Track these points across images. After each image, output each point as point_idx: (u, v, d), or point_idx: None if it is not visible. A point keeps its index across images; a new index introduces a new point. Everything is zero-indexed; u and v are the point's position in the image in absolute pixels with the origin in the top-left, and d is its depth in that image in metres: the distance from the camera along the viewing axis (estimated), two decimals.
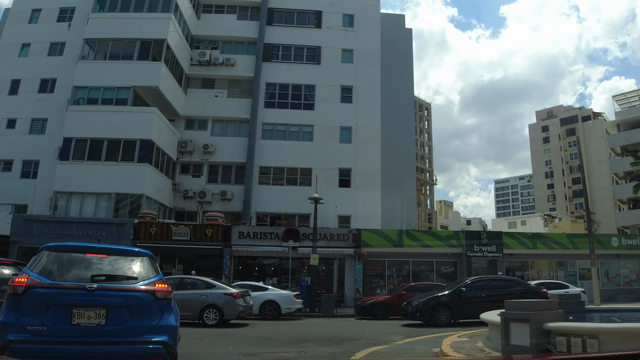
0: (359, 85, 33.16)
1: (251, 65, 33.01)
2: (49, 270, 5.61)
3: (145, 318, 5.58)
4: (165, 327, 5.65)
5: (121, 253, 6.16)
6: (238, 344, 11.12)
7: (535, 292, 16.95)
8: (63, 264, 5.74)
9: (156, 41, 28.91)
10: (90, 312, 5.38)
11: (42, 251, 5.91)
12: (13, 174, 29.09)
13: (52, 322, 5.22)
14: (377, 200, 31.22)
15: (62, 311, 5.31)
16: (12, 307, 5.28)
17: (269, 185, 31.42)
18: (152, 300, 5.71)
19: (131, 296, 5.62)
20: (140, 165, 26.90)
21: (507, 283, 17.59)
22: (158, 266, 6.39)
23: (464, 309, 16.08)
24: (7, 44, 31.73)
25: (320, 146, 31.81)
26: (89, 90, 28.19)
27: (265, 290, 19.66)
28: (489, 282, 17.47)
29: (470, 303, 16.12)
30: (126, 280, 5.80)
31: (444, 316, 15.91)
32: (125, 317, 5.49)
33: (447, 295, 16.48)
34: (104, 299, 5.46)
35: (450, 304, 16.12)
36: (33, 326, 5.17)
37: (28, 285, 5.38)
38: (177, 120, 31.93)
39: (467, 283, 17.16)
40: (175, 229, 25.33)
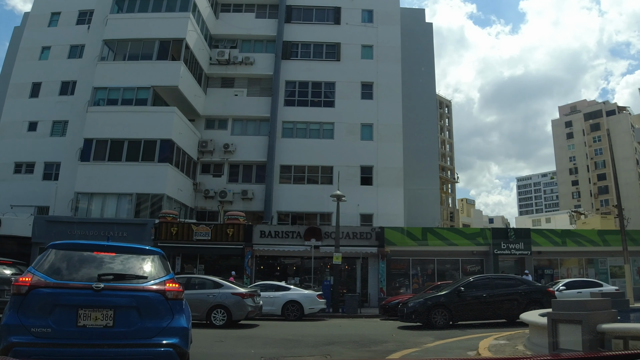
0: (379, 81, 32.39)
1: (270, 64, 32.49)
2: (55, 269, 5.32)
3: (155, 319, 5.26)
4: (176, 328, 5.33)
5: (131, 251, 5.82)
6: (261, 347, 10.52)
7: (542, 292, 15.86)
8: (70, 263, 5.44)
9: (175, 41, 28.58)
10: (97, 313, 5.09)
11: (48, 249, 5.61)
12: (35, 176, 29.14)
13: (57, 324, 4.95)
14: (399, 198, 30.43)
15: (68, 312, 5.03)
16: (16, 308, 5.00)
17: (289, 184, 30.83)
18: (162, 301, 5.38)
19: (140, 296, 5.31)
20: (160, 165, 26.57)
21: (510, 282, 16.31)
22: (169, 265, 6.02)
23: (463, 310, 15.01)
24: (27, 48, 31.84)
25: (341, 144, 31.12)
26: (109, 91, 28.00)
27: (288, 290, 19.05)
28: (490, 281, 16.28)
29: (470, 304, 15.06)
30: (135, 280, 5.47)
31: (441, 318, 14.67)
32: (134, 318, 5.19)
33: (444, 296, 15.23)
34: (111, 299, 5.16)
35: (448, 305, 14.85)
36: (37, 328, 4.90)
37: (32, 285, 5.09)
38: (198, 120, 31.59)
39: (466, 282, 15.87)
40: (196, 229, 24.91)
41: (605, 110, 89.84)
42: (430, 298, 15.28)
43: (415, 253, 26.63)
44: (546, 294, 15.66)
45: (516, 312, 15.15)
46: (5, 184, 28.79)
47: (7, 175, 29.22)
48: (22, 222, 24.69)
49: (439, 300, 15.03)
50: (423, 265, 27.15)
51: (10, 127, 30.33)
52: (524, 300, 15.17)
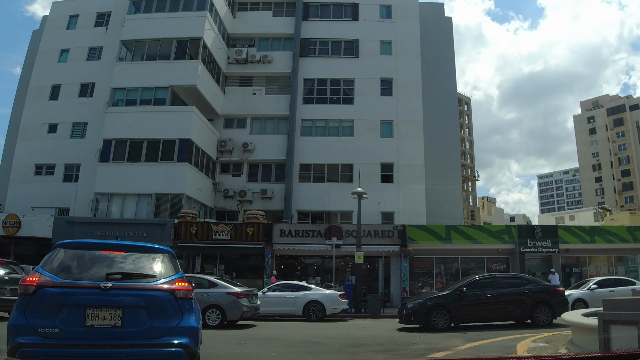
0: (399, 77, 31.66)
1: (288, 61, 32.00)
2: (63, 269, 5.19)
3: (164, 319, 5.12)
4: (185, 328, 5.18)
5: (139, 250, 5.69)
6: (283, 349, 9.97)
7: (551, 291, 14.84)
8: (78, 262, 5.32)
9: (192, 40, 28.27)
10: (105, 312, 4.95)
11: (56, 248, 5.49)
12: (55, 178, 29.14)
13: (64, 324, 4.83)
14: (421, 196, 29.65)
15: (75, 312, 4.91)
16: (23, 308, 4.89)
17: (309, 182, 30.27)
18: (172, 300, 5.23)
19: (149, 295, 5.16)
20: (179, 165, 26.25)
21: (516, 281, 15.25)
22: (178, 264, 5.84)
23: (465, 311, 14.02)
24: (46, 51, 31.91)
25: (361, 141, 30.47)
26: (127, 91, 27.81)
27: (309, 289, 18.47)
28: (494, 280, 15.26)
29: (472, 304, 14.09)
30: (144, 279, 5.32)
31: (441, 319, 13.76)
32: (143, 317, 5.06)
33: (445, 296, 14.32)
34: (119, 298, 5.03)
35: (449, 306, 13.91)
36: (44, 328, 4.79)
37: (39, 285, 4.97)
38: (216, 120, 31.26)
39: (468, 282, 14.94)
40: (216, 228, 24.49)
41: (629, 104, 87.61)
42: (430, 298, 14.47)
43: (439, 251, 25.83)
44: (555, 294, 14.73)
45: (522, 313, 14.38)
46: (26, 185, 28.81)
47: (28, 177, 29.26)
48: (42, 223, 24.61)
49: (439, 300, 14.17)
50: (447, 264, 26.33)
51: (30, 129, 30.38)
52: (531, 301, 14.26)
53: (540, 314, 14.16)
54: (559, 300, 14.60)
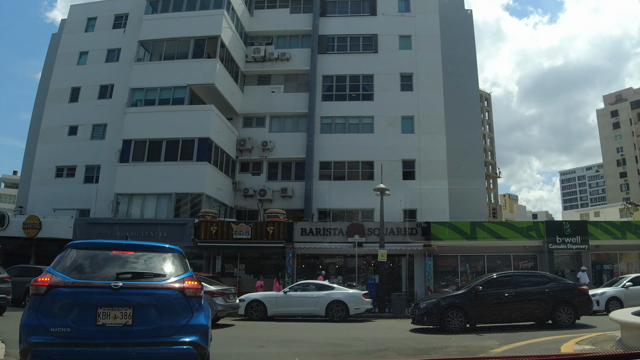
0: (419, 72, 30.85)
1: (307, 59, 31.46)
2: (74, 269, 5.23)
3: (174, 317, 5.14)
4: (195, 326, 5.21)
5: (149, 249, 5.73)
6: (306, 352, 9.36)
7: (574, 290, 13.78)
8: (88, 262, 5.35)
9: (210, 38, 27.91)
10: (116, 311, 4.99)
11: (67, 249, 5.55)
12: (76, 180, 29.09)
13: (76, 323, 4.87)
14: (444, 192, 28.79)
15: (87, 311, 4.95)
16: (35, 308, 4.93)
17: (329, 180, 29.67)
18: (181, 298, 5.25)
19: (159, 294, 5.20)
20: (199, 164, 25.90)
21: (536, 279, 14.28)
22: (188, 262, 5.85)
23: (481, 311, 13.15)
24: (65, 54, 31.94)
25: (382, 138, 29.74)
26: (146, 91, 27.58)
27: (332, 289, 17.87)
28: (513, 278, 14.30)
29: (489, 304, 13.19)
30: (154, 278, 5.36)
31: (456, 320, 12.94)
32: (153, 316, 5.09)
33: (459, 296, 13.52)
34: (130, 297, 5.06)
35: (464, 306, 13.09)
36: (56, 328, 4.82)
37: (51, 285, 5.00)
38: (235, 119, 30.87)
39: (484, 280, 14.02)
40: (236, 228, 24.03)
41: None
42: (444, 298, 13.67)
43: (464, 249, 24.96)
44: (578, 293, 13.73)
45: (543, 313, 13.42)
46: (48, 188, 28.81)
47: (49, 180, 29.26)
48: (63, 225, 24.51)
49: (454, 300, 13.35)
50: (472, 262, 25.45)
51: (50, 132, 30.40)
52: (552, 300, 13.34)
53: (562, 314, 13.21)
54: (582, 299, 13.64)
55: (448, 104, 30.63)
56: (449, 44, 32.43)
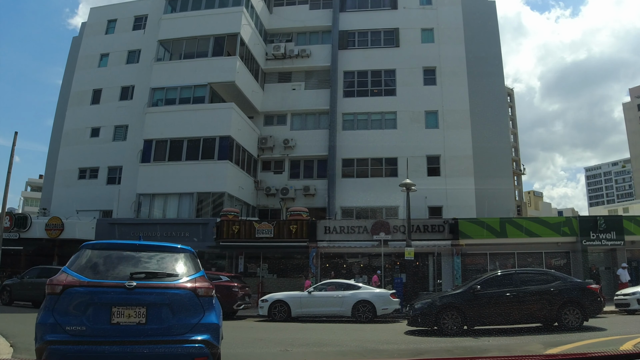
0: (442, 65, 29.86)
1: (327, 55, 30.71)
2: (89, 269, 5.30)
3: (187, 316, 5.22)
4: (207, 325, 5.29)
5: (162, 250, 5.80)
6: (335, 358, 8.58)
7: (582, 290, 12.53)
8: (103, 262, 5.43)
9: (229, 36, 27.40)
10: (130, 310, 5.06)
11: (82, 249, 5.61)
12: (99, 181, 28.90)
13: (91, 322, 4.96)
14: (470, 189, 27.73)
15: (101, 310, 5.03)
16: (50, 307, 5.00)
17: (352, 178, 28.89)
18: (194, 298, 5.32)
19: (172, 294, 5.27)
20: (220, 163, 25.40)
21: (541, 277, 13.09)
22: (199, 262, 5.90)
23: (480, 312, 12.08)
24: (86, 56, 31.82)
25: (405, 133, 28.84)
26: (166, 90, 27.24)
27: (358, 288, 17.07)
28: (515, 276, 13.07)
29: (489, 304, 12.14)
30: (167, 278, 5.40)
31: (452, 322, 11.99)
32: (166, 315, 5.16)
33: (457, 296, 12.52)
34: (143, 297, 5.13)
35: (461, 307, 12.09)
36: (72, 326, 4.90)
37: (66, 284, 5.09)
38: (256, 117, 30.32)
39: (484, 279, 12.97)
40: (259, 226, 23.41)
41: None
42: (440, 298, 12.75)
43: (493, 246, 23.84)
44: (588, 292, 12.47)
45: (547, 314, 12.24)
46: (71, 189, 28.67)
47: (72, 181, 29.12)
48: (85, 226, 24.27)
49: (450, 300, 12.41)
50: (502, 260, 24.29)
51: (73, 134, 30.27)
52: (558, 300, 12.19)
53: (569, 315, 12.05)
54: (591, 299, 12.36)
55: (473, 97, 29.55)
56: (472, 36, 31.31)
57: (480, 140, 29.12)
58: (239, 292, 17.41)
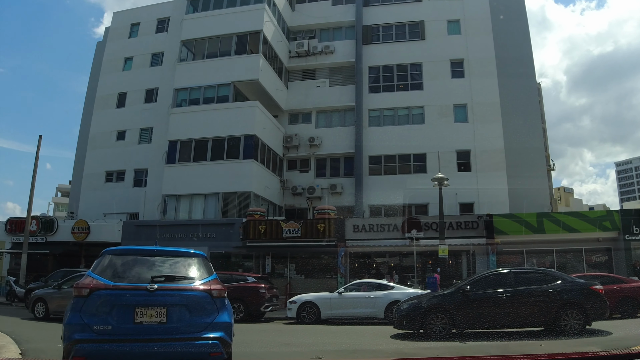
0: (470, 57, 28.60)
1: (351, 50, 29.78)
2: (112, 273, 5.64)
3: (203, 316, 5.59)
4: (221, 323, 5.66)
5: (177, 254, 6.15)
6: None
7: (584, 291, 11.29)
8: (124, 267, 5.76)
9: (252, 34, 26.75)
10: (152, 311, 5.40)
11: (104, 255, 5.94)
12: (126, 184, 28.62)
13: (116, 322, 5.28)
14: (502, 184, 26.39)
15: (126, 311, 5.35)
16: (78, 309, 5.30)
17: (380, 175, 27.85)
18: (209, 299, 5.69)
19: (189, 295, 5.64)
20: (245, 162, 24.73)
21: (538, 276, 11.87)
22: (211, 266, 6.22)
23: (469, 314, 11.04)
24: (110, 60, 31.66)
25: (433, 128, 27.71)
26: (190, 91, 26.74)
27: (390, 289, 16.10)
28: (510, 276, 11.89)
29: (480, 306, 11.10)
30: (184, 280, 5.79)
31: (439, 325, 11.03)
32: (184, 315, 5.52)
33: (445, 296, 11.55)
34: (164, 298, 5.49)
35: (449, 308, 11.10)
36: (98, 326, 5.21)
37: (93, 288, 5.41)
38: (281, 116, 29.61)
39: (474, 279, 11.96)
40: (285, 226, 22.59)
41: None
42: (428, 299, 11.75)
43: (530, 243, 22.51)
44: (589, 294, 11.24)
45: (544, 317, 10.98)
46: (98, 193, 28.43)
47: (99, 185, 28.91)
48: (111, 228, 23.93)
49: (437, 301, 11.46)
50: (539, 258, 22.96)
51: (99, 138, 30.08)
52: (557, 302, 11.04)
53: (569, 319, 10.87)
54: (594, 302, 11.14)
55: (503, 89, 28.19)
56: (500, 26, 29.90)
57: (511, 134, 27.73)
58: (266, 294, 16.63)
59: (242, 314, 16.33)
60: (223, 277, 17.38)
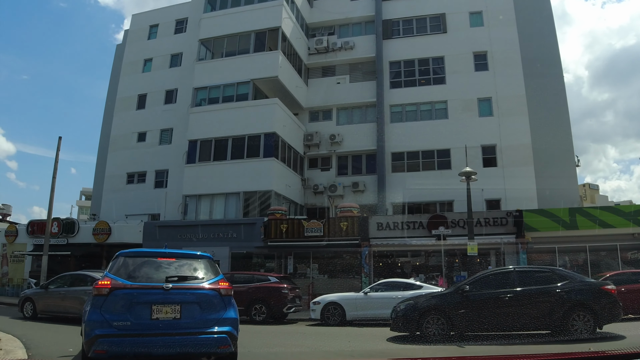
0: (493, 49, 27.50)
1: (371, 46, 28.96)
2: (129, 273, 6.10)
3: (213, 312, 6.05)
4: (228, 319, 6.11)
5: (186, 256, 6.65)
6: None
7: (594, 291, 10.28)
8: (139, 268, 6.22)
9: (270, 30, 26.15)
10: (167, 307, 5.87)
11: (118, 257, 6.43)
12: (147, 185, 28.32)
13: (134, 318, 5.72)
14: (530, 179, 25.25)
15: (143, 308, 5.80)
16: (98, 306, 5.73)
17: (403, 172, 26.94)
18: (218, 297, 6.16)
19: (200, 293, 6.11)
20: (266, 161, 24.12)
21: (545, 275, 10.80)
22: (217, 266, 6.78)
23: (469, 316, 10.23)
24: (130, 62, 31.44)
25: (457, 123, 26.70)
26: (209, 90, 26.26)
27: (419, 288, 15.26)
28: (512, 275, 10.92)
29: (479, 308, 10.27)
30: (194, 280, 6.26)
31: (436, 327, 10.26)
32: (196, 311, 5.98)
33: (443, 297, 10.82)
34: (178, 296, 5.95)
35: (447, 310, 10.35)
36: (118, 322, 5.65)
37: (112, 287, 5.84)
38: (301, 114, 28.93)
39: (474, 278, 11.10)
40: (307, 225, 21.91)
41: None
42: (425, 300, 10.98)
43: (562, 240, 21.25)
44: (600, 294, 10.19)
45: (549, 320, 9.92)
46: (120, 194, 28.19)
47: (121, 187, 28.66)
48: (132, 229, 23.56)
49: (435, 302, 10.72)
50: (572, 255, 21.82)
51: (120, 139, 29.85)
52: (563, 304, 10.06)
53: (577, 322, 9.88)
54: (605, 303, 10.11)
55: (528, 82, 27.04)
56: (524, 17, 28.71)
57: (539, 127, 26.60)
58: (288, 294, 15.97)
59: (264, 316, 15.69)
60: (244, 277, 16.94)
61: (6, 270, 25.09)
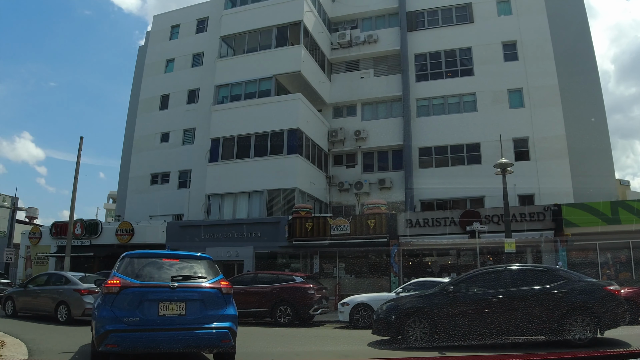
0: (523, 38, 26.05)
1: (395, 38, 27.80)
2: (136, 273, 6.42)
3: (215, 309, 6.43)
4: (229, 315, 6.50)
5: (188, 258, 7.02)
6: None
7: (595, 292, 9.00)
8: (146, 268, 6.55)
9: (292, 25, 25.27)
10: (173, 305, 6.22)
11: (124, 258, 6.77)
12: (171, 186, 27.78)
13: (143, 314, 6.05)
14: (565, 172, 23.77)
15: (151, 305, 6.14)
16: (109, 304, 6.05)
17: (431, 168, 25.68)
18: (219, 295, 6.56)
19: (204, 291, 6.51)
20: (290, 157, 23.21)
21: (541, 275, 9.53)
22: (217, 266, 7.15)
23: (455, 320, 9.09)
24: (152, 63, 30.97)
25: (487, 115, 25.35)
26: (231, 87, 25.56)
27: None
28: (504, 274, 9.62)
29: (467, 311, 9.17)
30: (198, 279, 6.64)
31: (418, 331, 9.19)
32: (200, 308, 6.35)
33: (427, 298, 9.67)
34: (183, 294, 6.33)
35: (430, 312, 9.26)
36: (128, 318, 5.97)
37: (122, 285, 6.16)
38: (325, 110, 27.96)
39: (462, 278, 10.02)
40: (333, 222, 20.89)
41: None
42: (408, 301, 9.95)
43: (603, 235, 19.73)
44: (602, 296, 8.92)
45: (545, 324, 8.64)
46: (144, 195, 27.75)
47: (145, 187, 28.19)
48: (155, 230, 22.99)
49: (418, 304, 9.63)
50: (614, 251, 20.27)
51: (143, 140, 29.39)
52: (561, 306, 8.82)
53: (576, 326, 8.67)
54: (608, 306, 8.84)
55: (561, 71, 25.50)
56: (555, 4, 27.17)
57: (573, 118, 25.04)
58: (315, 295, 14.96)
59: (289, 317, 14.71)
60: (268, 277, 15.97)
61: (30, 272, 24.84)
